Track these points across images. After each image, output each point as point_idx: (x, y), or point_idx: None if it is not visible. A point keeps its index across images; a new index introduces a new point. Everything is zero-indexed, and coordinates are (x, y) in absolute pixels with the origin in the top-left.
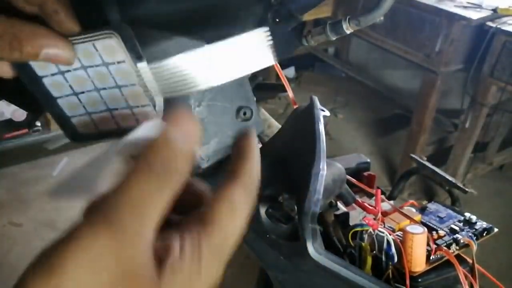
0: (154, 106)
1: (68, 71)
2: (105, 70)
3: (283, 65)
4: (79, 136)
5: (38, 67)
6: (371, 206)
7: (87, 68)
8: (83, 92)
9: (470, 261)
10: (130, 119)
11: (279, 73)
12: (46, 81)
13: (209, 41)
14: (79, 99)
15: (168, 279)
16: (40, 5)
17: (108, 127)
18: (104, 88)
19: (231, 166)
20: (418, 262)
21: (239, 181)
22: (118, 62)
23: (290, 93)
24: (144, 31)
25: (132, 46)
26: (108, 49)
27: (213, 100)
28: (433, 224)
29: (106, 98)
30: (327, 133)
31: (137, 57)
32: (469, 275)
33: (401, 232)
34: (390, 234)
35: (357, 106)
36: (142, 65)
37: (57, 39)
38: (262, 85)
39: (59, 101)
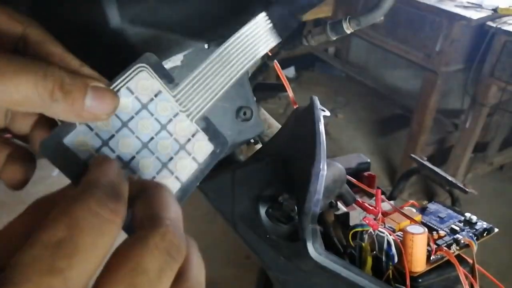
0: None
1: (112, 136)
2: (146, 114)
3: (283, 65)
4: None
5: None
6: (371, 206)
7: (128, 122)
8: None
9: (470, 261)
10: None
11: (279, 73)
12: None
13: (209, 41)
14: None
15: None
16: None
17: None
18: (152, 138)
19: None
20: (418, 262)
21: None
22: (156, 96)
23: (290, 93)
24: (144, 32)
25: (162, 71)
26: (142, 85)
27: None
28: (433, 224)
29: (156, 151)
30: (327, 133)
31: (170, 81)
32: (470, 275)
33: (402, 232)
34: (390, 234)
35: (357, 106)
36: (182, 86)
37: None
38: (262, 85)
39: None
